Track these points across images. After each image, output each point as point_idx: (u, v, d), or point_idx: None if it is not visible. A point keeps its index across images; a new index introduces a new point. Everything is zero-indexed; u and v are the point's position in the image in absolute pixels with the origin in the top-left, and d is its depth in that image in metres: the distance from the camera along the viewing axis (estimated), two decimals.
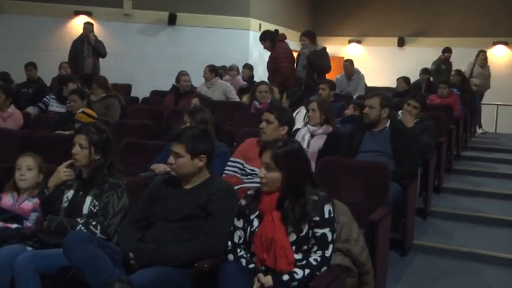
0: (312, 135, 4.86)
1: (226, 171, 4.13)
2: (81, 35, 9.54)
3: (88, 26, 9.61)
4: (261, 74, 11.30)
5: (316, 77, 7.82)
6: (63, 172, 3.44)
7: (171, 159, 3.11)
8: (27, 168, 3.82)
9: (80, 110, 5.73)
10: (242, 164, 4.15)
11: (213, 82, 8.28)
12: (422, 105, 5.85)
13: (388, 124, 4.75)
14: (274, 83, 7.45)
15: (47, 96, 7.49)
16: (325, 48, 8.00)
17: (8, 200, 3.81)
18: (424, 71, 10.29)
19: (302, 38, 7.98)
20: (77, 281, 2.88)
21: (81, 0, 11.52)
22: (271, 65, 7.97)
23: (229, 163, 4.19)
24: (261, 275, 2.70)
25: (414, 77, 10.13)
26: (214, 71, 8.47)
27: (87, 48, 9.49)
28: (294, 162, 2.82)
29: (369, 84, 10.20)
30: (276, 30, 8.12)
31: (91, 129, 3.46)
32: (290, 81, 7.64)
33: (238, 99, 8.16)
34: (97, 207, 3.30)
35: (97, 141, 3.43)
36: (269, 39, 7.94)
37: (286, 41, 8.11)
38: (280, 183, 2.81)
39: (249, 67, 10.82)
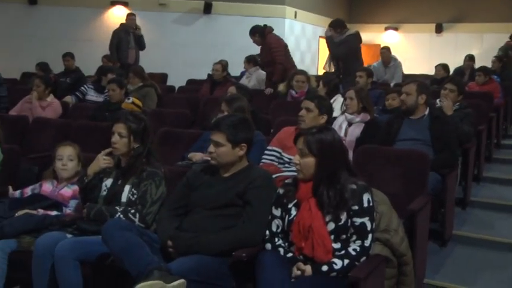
0: (350, 124, 4.82)
1: (263, 160, 4.13)
2: (124, 26, 9.52)
3: (134, 18, 9.65)
4: (296, 61, 11.21)
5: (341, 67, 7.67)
6: (102, 160, 3.48)
7: (211, 148, 3.09)
8: (68, 159, 3.85)
9: (130, 101, 5.76)
10: (279, 153, 4.14)
11: (251, 71, 8.32)
12: (460, 89, 5.67)
13: (427, 112, 4.66)
14: (274, 76, 7.49)
15: (85, 86, 7.60)
16: (351, 36, 7.76)
17: (47, 187, 3.87)
18: (470, 58, 10.05)
19: (328, 29, 7.84)
20: (116, 268, 2.92)
21: None
22: (266, 58, 7.88)
23: (266, 152, 4.18)
24: (300, 264, 2.70)
25: (452, 64, 9.93)
26: (253, 61, 8.45)
27: (132, 39, 9.56)
28: (327, 148, 2.80)
29: (405, 72, 10.04)
30: (265, 25, 8.02)
31: (130, 118, 3.48)
32: (289, 69, 7.56)
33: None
34: (135, 196, 3.33)
35: (135, 130, 3.45)
36: (258, 33, 7.86)
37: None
38: (314, 169, 2.80)
39: None
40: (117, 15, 11.14)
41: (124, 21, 9.65)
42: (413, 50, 14.62)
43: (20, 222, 3.38)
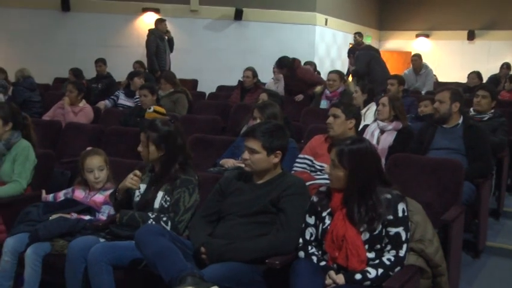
0: (382, 131, 4.78)
1: (295, 168, 4.11)
2: (157, 32, 9.61)
3: (165, 22, 9.72)
4: (326, 68, 11.20)
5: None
6: (129, 180, 3.43)
7: (246, 155, 3.09)
8: (99, 169, 3.84)
9: (151, 110, 5.81)
10: (311, 161, 4.12)
11: (279, 77, 8.30)
12: (493, 95, 5.59)
13: (460, 120, 4.60)
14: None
15: (118, 91, 7.69)
16: (366, 49, 7.77)
17: (80, 193, 3.90)
18: (508, 66, 9.90)
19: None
20: (148, 273, 2.93)
21: None
22: (299, 87, 7.81)
23: (297, 159, 4.17)
24: (332, 272, 2.68)
25: (485, 72, 9.79)
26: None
27: (166, 45, 9.64)
28: (358, 160, 2.77)
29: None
30: (293, 59, 7.92)
31: (151, 126, 3.47)
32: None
33: None
34: (168, 203, 3.34)
35: (156, 138, 3.43)
36: (286, 67, 7.79)
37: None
38: (345, 182, 2.78)
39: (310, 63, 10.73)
40: (148, 22, 11.22)
41: (152, 27, 9.72)
42: (445, 57, 14.46)
43: (54, 226, 3.42)
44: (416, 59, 9.44)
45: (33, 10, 11.39)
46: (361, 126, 4.76)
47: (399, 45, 15.44)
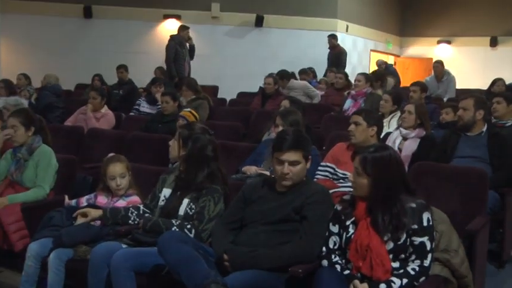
0: (405, 139, 4.74)
1: (317, 175, 4.09)
2: (179, 38, 9.68)
3: (188, 30, 9.77)
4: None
5: None
6: None
7: (286, 169, 3.02)
8: (121, 177, 3.84)
9: (188, 109, 5.83)
10: (333, 168, 4.10)
11: (289, 87, 8.20)
12: (508, 100, 5.47)
13: (484, 128, 4.55)
14: None
15: (139, 99, 7.74)
16: None
17: (102, 198, 3.90)
18: None
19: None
20: (171, 279, 2.92)
21: (171, 4, 11.79)
22: None
23: (320, 167, 4.15)
24: (357, 282, 2.65)
25: (508, 79, 9.67)
26: (285, 77, 8.35)
27: (186, 52, 9.69)
28: (382, 168, 2.74)
29: (459, 86, 9.84)
30: (292, 72, 8.14)
31: (189, 125, 3.54)
32: None
33: (318, 93, 8.33)
34: (193, 210, 3.34)
35: (185, 136, 3.51)
36: (286, 79, 8.05)
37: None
38: (368, 190, 2.75)
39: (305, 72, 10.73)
40: (169, 29, 11.29)
41: (174, 33, 9.78)
42: (467, 64, 14.33)
43: (78, 233, 3.43)
44: (438, 65, 9.35)
45: (57, 18, 11.54)
46: (383, 134, 4.73)
47: (420, 51, 15.35)
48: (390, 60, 14.13)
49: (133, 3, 11.68)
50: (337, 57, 10.76)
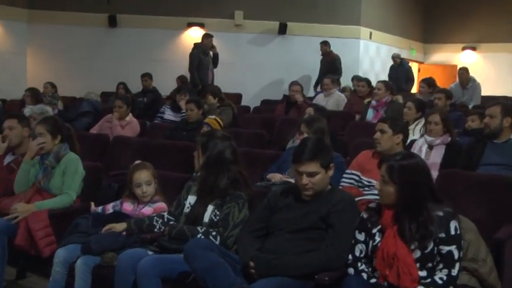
0: (430, 146, 4.70)
1: (342, 183, 4.08)
2: (202, 46, 9.73)
3: (211, 39, 9.83)
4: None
5: None
6: None
7: (305, 180, 3.02)
8: (146, 184, 3.86)
9: (213, 117, 5.86)
10: (358, 176, 4.08)
11: (330, 92, 8.28)
12: None
13: None
14: None
15: (163, 107, 7.79)
16: None
17: (128, 205, 3.92)
18: None
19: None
20: (196, 286, 2.93)
21: (194, 12, 11.85)
22: None
23: (345, 175, 4.14)
24: None
25: None
26: (336, 82, 8.47)
27: (210, 60, 9.74)
28: (409, 177, 2.73)
29: (484, 93, 9.74)
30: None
31: (207, 132, 3.54)
32: None
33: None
34: (218, 217, 3.34)
35: (203, 143, 3.54)
36: None
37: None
38: (395, 198, 2.73)
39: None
40: (193, 37, 11.35)
41: (198, 41, 9.83)
42: (493, 70, 14.15)
43: (106, 241, 3.45)
44: (463, 72, 9.28)
45: (82, 27, 11.68)
46: (408, 141, 4.69)
47: (445, 58, 15.21)
48: (414, 67, 14.01)
49: (158, 11, 11.77)
50: (331, 64, 10.56)
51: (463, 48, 14.92)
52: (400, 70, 11.42)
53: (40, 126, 4.25)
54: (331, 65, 10.49)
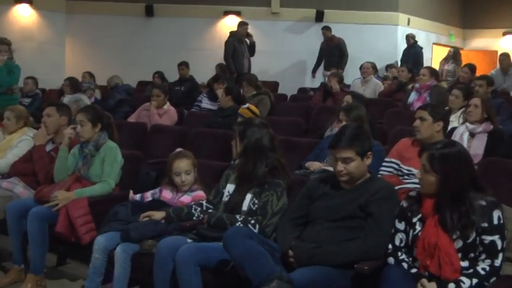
0: (472, 134, 4.60)
1: (381, 171, 4.03)
2: (237, 35, 9.72)
3: (246, 26, 9.82)
4: None
5: None
6: None
7: (340, 166, 3.01)
8: (186, 173, 3.87)
9: (246, 106, 5.86)
10: (398, 164, 4.02)
11: (368, 79, 8.21)
12: None
13: None
14: None
15: (201, 95, 7.82)
16: None
17: (167, 193, 3.95)
18: None
19: None
20: (235, 274, 2.94)
21: (230, 1, 11.84)
22: None
23: (384, 163, 4.08)
24: (425, 281, 2.59)
25: None
26: (374, 68, 8.39)
27: (246, 48, 9.72)
28: (451, 165, 2.67)
29: None
30: None
31: (243, 121, 3.52)
32: None
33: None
34: (256, 206, 3.34)
35: (240, 131, 3.52)
36: None
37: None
38: (436, 187, 2.68)
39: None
40: (229, 25, 11.34)
41: (234, 30, 9.82)
42: None
43: (145, 229, 3.47)
44: (504, 58, 9.05)
45: (119, 17, 11.79)
46: (449, 128, 4.61)
47: (485, 44, 14.87)
48: None
49: (194, 0, 11.80)
50: (336, 48, 10.32)
51: (504, 34, 14.53)
52: (411, 52, 11.20)
53: (81, 114, 4.30)
54: (336, 50, 10.31)
